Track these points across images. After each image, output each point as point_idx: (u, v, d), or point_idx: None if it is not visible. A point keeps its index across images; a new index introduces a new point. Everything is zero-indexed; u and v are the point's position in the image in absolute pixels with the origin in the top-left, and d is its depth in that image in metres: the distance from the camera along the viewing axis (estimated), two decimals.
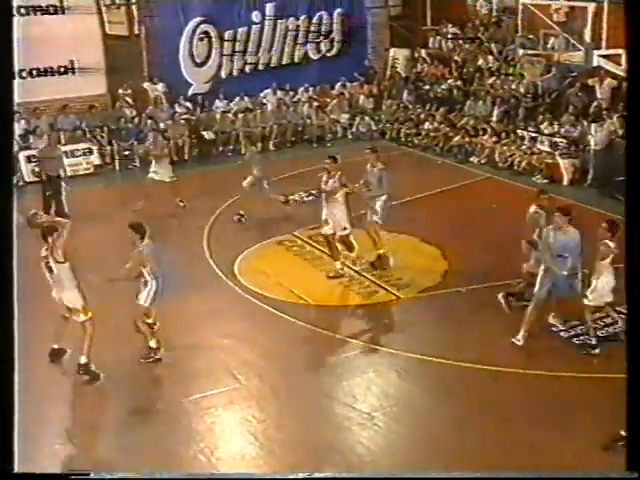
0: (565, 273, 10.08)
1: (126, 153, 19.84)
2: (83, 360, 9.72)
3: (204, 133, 20.63)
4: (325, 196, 12.60)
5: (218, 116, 21.37)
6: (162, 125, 20.50)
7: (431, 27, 24.93)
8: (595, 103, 18.57)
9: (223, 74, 23.06)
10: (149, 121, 20.42)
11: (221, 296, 12.18)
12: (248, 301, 11.88)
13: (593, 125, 17.53)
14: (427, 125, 21.35)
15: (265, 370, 10.16)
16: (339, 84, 23.85)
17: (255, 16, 23.18)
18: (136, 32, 21.50)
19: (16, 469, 5.95)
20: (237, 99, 22.36)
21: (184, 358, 10.29)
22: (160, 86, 21.49)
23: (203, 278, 12.74)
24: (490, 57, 22.19)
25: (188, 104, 21.80)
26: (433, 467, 7.98)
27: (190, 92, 22.34)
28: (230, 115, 21.48)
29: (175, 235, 14.54)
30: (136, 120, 20.61)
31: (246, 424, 8.97)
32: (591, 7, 16.72)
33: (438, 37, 24.28)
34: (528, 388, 9.38)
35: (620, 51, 16.85)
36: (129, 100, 21.11)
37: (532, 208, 10.94)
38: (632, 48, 5.39)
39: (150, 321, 10.36)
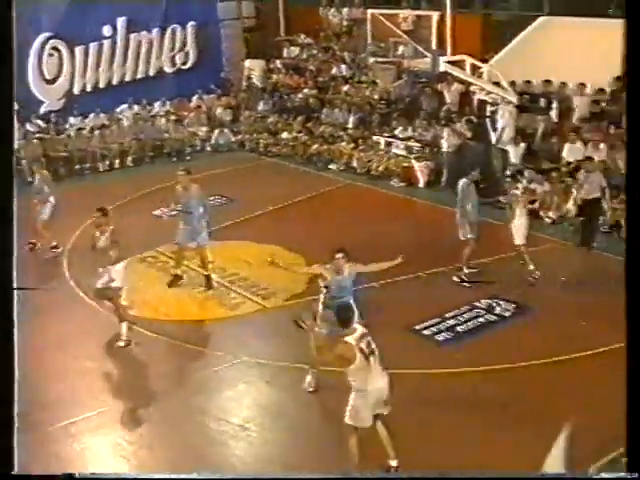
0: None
1: None
2: None
3: (50, 153, 20.02)
4: (97, 254, 11.25)
5: (73, 133, 20.84)
6: (15, 145, 19.81)
7: (285, 38, 25.26)
8: (445, 107, 19.33)
9: (76, 90, 22.52)
10: None
11: (84, 317, 11.89)
12: (112, 321, 11.65)
13: (445, 129, 18.21)
14: (285, 134, 21.57)
15: (133, 390, 10.03)
16: (196, 97, 23.76)
17: (106, 30, 22.79)
18: None
19: (16, 470, 5.80)
20: (92, 115, 21.91)
21: (48, 383, 10.00)
22: None
23: (65, 300, 12.42)
24: (343, 65, 22.70)
25: (40, 122, 21.18)
26: (310, 473, 8.09)
27: (42, 110, 21.72)
28: (85, 132, 21.01)
29: (33, 258, 14.12)
30: None
31: (117, 448, 8.82)
32: (435, 16, 17.37)
33: (292, 47, 24.62)
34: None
35: (464, 57, 17.57)
36: None
37: None
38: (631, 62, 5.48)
39: None
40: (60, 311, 11.97)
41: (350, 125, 20.82)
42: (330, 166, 19.96)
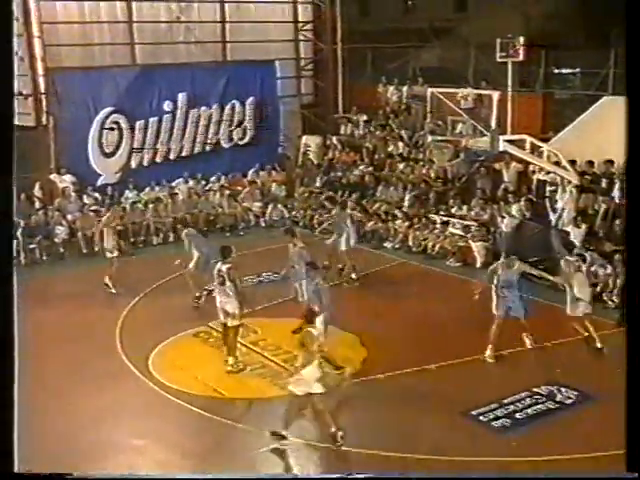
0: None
1: (32, 247, 19.03)
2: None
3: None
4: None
5: (128, 207, 20.94)
6: (70, 217, 20.02)
7: (342, 115, 25.43)
8: (502, 186, 19.07)
9: (133, 164, 22.82)
10: (57, 213, 19.91)
11: (135, 393, 11.69)
12: (163, 397, 11.42)
13: (502, 208, 17.91)
14: None
15: (183, 469, 9.77)
16: (251, 172, 23.89)
17: (167, 105, 23.16)
18: (44, 122, 21.13)
19: (16, 469, 5.63)
20: (147, 189, 22.11)
21: (97, 460, 9.76)
22: (67, 177, 21.06)
23: (116, 375, 12.23)
24: (400, 143, 22.68)
25: (97, 195, 21.40)
26: None
27: (99, 182, 21.98)
28: (140, 205, 21.13)
29: (85, 329, 14.03)
30: (42, 212, 19.93)
31: None
32: (495, 95, 17.26)
33: (349, 124, 24.74)
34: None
35: (524, 136, 17.37)
36: (39, 195, 20.64)
37: None
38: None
39: None
40: (111, 385, 11.77)
41: (406, 203, 20.62)
42: (385, 244, 19.72)
